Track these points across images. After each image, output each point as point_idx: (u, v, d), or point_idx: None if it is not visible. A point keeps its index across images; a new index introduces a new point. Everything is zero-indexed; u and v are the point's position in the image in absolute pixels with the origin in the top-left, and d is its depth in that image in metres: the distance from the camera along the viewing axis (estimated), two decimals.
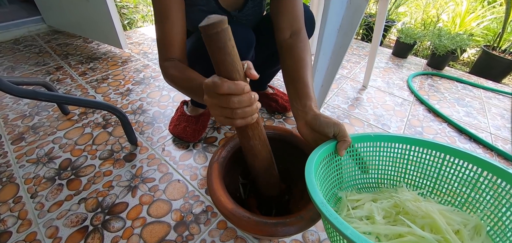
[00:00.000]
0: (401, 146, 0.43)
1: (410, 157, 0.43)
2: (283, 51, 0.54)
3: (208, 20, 0.28)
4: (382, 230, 0.33)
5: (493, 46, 1.58)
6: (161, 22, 0.49)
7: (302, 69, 0.49)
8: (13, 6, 1.85)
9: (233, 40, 0.30)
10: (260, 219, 0.35)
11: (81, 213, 0.57)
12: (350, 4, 0.69)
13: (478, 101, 1.21)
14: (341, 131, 0.39)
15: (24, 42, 1.44)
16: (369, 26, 1.89)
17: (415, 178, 0.43)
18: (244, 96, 0.31)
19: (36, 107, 0.91)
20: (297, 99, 0.46)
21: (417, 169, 0.43)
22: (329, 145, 0.39)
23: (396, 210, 0.37)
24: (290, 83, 0.49)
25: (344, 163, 0.43)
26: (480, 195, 0.37)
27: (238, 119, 0.33)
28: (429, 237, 0.30)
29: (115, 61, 1.26)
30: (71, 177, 0.65)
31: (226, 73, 0.31)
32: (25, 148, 0.74)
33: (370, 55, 1.12)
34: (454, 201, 0.40)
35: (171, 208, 0.60)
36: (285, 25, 0.54)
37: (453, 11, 1.87)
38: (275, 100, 0.94)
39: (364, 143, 0.43)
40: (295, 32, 0.54)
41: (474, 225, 0.35)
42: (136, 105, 0.94)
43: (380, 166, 0.45)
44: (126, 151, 0.74)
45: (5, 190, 0.62)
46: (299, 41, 0.53)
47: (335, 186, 0.42)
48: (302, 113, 0.44)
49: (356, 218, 0.37)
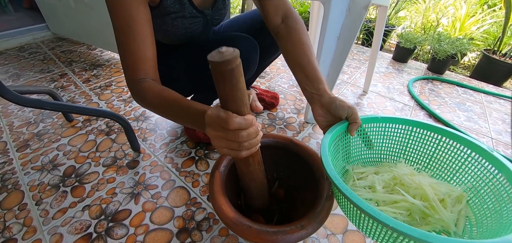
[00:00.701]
0: (403, 127, 0.49)
1: (411, 137, 0.49)
2: (280, 37, 0.53)
3: (221, 55, 0.26)
4: (381, 197, 0.40)
5: (494, 50, 1.59)
6: (127, 37, 0.41)
7: (306, 53, 0.49)
8: (18, 13, 1.89)
9: (243, 76, 0.29)
10: (261, 227, 0.36)
11: (85, 220, 0.58)
12: (349, 13, 0.70)
13: (479, 106, 1.21)
14: (354, 114, 0.44)
15: (29, 49, 1.47)
16: (369, 31, 1.90)
17: (413, 155, 0.49)
18: (251, 129, 0.31)
19: (41, 114, 0.92)
20: (309, 84, 0.47)
21: (415, 148, 0.49)
22: (341, 126, 0.45)
23: (394, 182, 0.43)
24: (298, 69, 0.49)
25: (352, 140, 0.49)
26: (466, 171, 0.43)
27: (244, 151, 0.32)
28: (418, 203, 0.37)
29: (118, 68, 1.28)
30: (75, 184, 0.66)
31: (234, 107, 0.30)
32: (30, 155, 0.75)
33: (370, 60, 1.13)
34: (444, 175, 0.46)
35: (174, 215, 0.60)
36: (274, 10, 0.52)
37: (453, 15, 1.87)
38: (262, 100, 0.98)
39: (371, 124, 0.50)
40: (287, 15, 0.52)
41: (457, 195, 0.41)
42: (138, 112, 0.96)
43: (384, 144, 0.51)
44: (129, 158, 0.75)
45: (10, 197, 0.63)
46: (295, 23, 0.51)
47: (343, 160, 0.49)
48: (317, 97, 0.46)
49: (360, 187, 0.43)
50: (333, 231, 0.59)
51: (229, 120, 0.29)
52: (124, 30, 0.41)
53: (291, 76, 1.31)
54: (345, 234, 0.59)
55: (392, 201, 0.39)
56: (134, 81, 0.43)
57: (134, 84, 0.43)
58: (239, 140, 0.31)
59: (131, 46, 0.42)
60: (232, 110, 0.30)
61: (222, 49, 0.27)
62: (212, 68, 0.27)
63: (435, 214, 0.37)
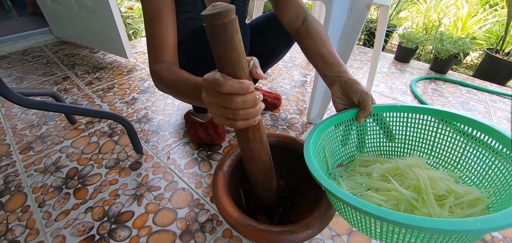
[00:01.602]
0: (429, 118, 0.44)
1: (437, 130, 0.44)
2: (301, 37, 0.56)
3: (214, 8, 0.24)
4: (375, 184, 0.39)
5: (497, 49, 1.58)
6: (153, 23, 0.47)
7: (325, 45, 0.51)
8: (22, 18, 1.91)
9: (239, 33, 0.27)
10: (265, 227, 0.35)
11: (87, 222, 0.58)
12: (351, 12, 0.70)
13: (483, 105, 1.20)
14: (364, 100, 0.43)
15: (32, 53, 1.48)
16: (371, 31, 1.90)
17: (441, 151, 0.44)
18: (248, 96, 0.29)
19: (44, 116, 0.93)
20: (329, 68, 0.48)
21: (442, 142, 0.44)
22: (349, 112, 0.44)
23: (395, 172, 0.41)
24: (318, 59, 0.51)
25: (370, 129, 0.48)
26: (495, 173, 0.37)
27: (239, 120, 0.30)
28: (407, 194, 0.35)
29: (120, 71, 1.29)
30: (78, 186, 0.66)
31: (229, 70, 0.27)
32: (33, 157, 0.75)
33: (372, 61, 1.13)
34: (472, 176, 0.40)
35: (177, 216, 0.60)
36: (295, 15, 0.58)
37: (455, 14, 1.87)
38: (264, 101, 0.97)
39: (391, 113, 0.46)
40: (305, 18, 0.57)
41: (475, 197, 0.35)
42: (141, 114, 0.96)
43: (407, 137, 0.47)
44: (131, 159, 0.75)
45: (13, 199, 0.63)
46: (313, 23, 0.55)
47: (356, 149, 0.48)
48: (337, 77, 0.47)
49: (358, 173, 0.43)
50: (338, 232, 0.58)
51: (222, 82, 0.27)
52: (152, 16, 0.46)
53: (293, 77, 1.31)
54: (350, 235, 0.58)
55: (386, 188, 0.38)
56: (153, 63, 0.47)
57: (153, 65, 0.47)
58: (233, 106, 0.28)
59: (155, 32, 0.47)
60: (226, 72, 0.28)
61: (216, 4, 0.25)
62: (206, 25, 0.26)
63: (423, 207, 0.34)
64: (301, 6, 0.58)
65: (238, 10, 0.67)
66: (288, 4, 0.58)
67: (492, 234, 0.60)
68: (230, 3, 0.62)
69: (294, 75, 1.34)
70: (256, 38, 0.73)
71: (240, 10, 0.68)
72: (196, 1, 0.58)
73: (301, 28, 0.57)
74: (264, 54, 0.78)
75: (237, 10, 0.67)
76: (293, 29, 0.59)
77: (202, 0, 0.59)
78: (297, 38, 0.58)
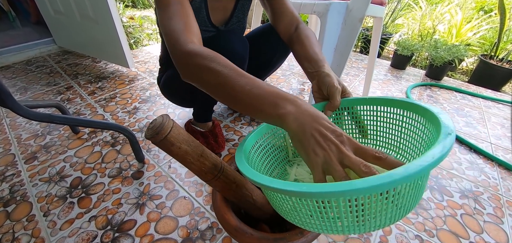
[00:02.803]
0: (389, 109, 0.41)
1: (387, 118, 0.42)
2: (293, 42, 0.60)
3: (151, 130, 0.29)
4: (299, 172, 0.42)
5: (491, 55, 1.61)
6: (173, 5, 0.43)
7: (312, 47, 0.54)
8: (26, 28, 1.95)
9: (182, 135, 0.32)
10: (262, 235, 0.37)
11: (91, 231, 0.60)
12: (345, 25, 0.73)
13: (478, 111, 1.22)
14: (331, 93, 0.42)
15: (36, 63, 1.51)
16: (367, 39, 1.94)
17: (403, 142, 0.41)
18: None
19: (48, 126, 0.95)
20: (310, 65, 0.50)
21: (404, 139, 0.41)
22: (318, 105, 0.45)
23: None
24: (304, 60, 0.53)
25: (346, 124, 0.47)
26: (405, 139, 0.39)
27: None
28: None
29: (122, 80, 1.32)
30: (82, 195, 0.68)
31: (193, 168, 0.35)
32: (38, 167, 0.77)
33: (368, 68, 1.15)
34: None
35: (178, 224, 0.62)
36: (289, 24, 0.62)
37: (449, 21, 1.91)
38: None
39: (365, 107, 0.43)
40: (298, 26, 0.61)
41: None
42: (143, 123, 0.98)
43: (378, 131, 0.44)
44: (134, 168, 0.77)
45: (19, 209, 0.65)
46: (305, 30, 0.59)
47: None
48: (316, 73, 0.47)
49: (297, 162, 0.46)
50: (334, 238, 0.60)
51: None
52: (173, 2, 0.43)
53: (291, 85, 1.34)
54: (346, 242, 0.60)
55: (309, 173, 0.41)
56: (184, 45, 0.39)
57: (186, 45, 0.39)
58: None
59: (182, 14, 0.42)
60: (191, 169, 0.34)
61: (151, 124, 0.30)
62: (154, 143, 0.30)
63: None
64: (294, 15, 0.63)
65: (238, 22, 0.71)
66: (282, 14, 0.62)
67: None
68: (230, 17, 0.67)
69: (292, 83, 1.36)
70: (254, 48, 0.76)
71: (239, 21, 0.71)
72: (201, 10, 0.61)
73: (293, 35, 0.61)
74: (262, 63, 0.81)
75: (237, 22, 0.70)
76: (287, 36, 0.63)
77: (206, 10, 0.62)
78: (290, 44, 0.62)
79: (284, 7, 0.62)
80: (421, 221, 0.66)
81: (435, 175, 0.82)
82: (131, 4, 3.03)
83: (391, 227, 0.64)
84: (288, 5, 0.63)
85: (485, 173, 0.84)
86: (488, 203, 0.73)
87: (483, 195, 0.76)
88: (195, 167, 0.34)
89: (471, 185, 0.79)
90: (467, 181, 0.80)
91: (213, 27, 0.66)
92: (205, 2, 0.61)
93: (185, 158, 0.33)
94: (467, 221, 0.67)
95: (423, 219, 0.67)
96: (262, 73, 0.86)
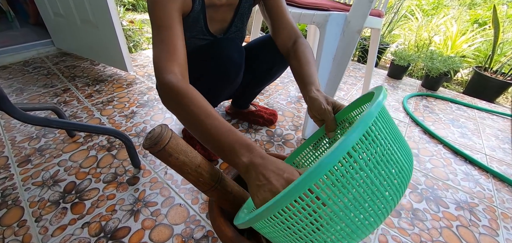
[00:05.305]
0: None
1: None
2: (290, 57, 0.61)
3: (149, 140, 0.31)
4: None
5: (485, 67, 1.64)
6: (162, 31, 0.45)
7: (306, 66, 0.55)
8: (24, 29, 1.94)
9: (181, 145, 0.34)
10: None
11: (84, 238, 0.58)
12: (343, 36, 0.74)
13: (473, 122, 1.24)
14: (324, 117, 0.45)
15: (33, 64, 1.50)
16: (365, 49, 1.96)
17: None
18: None
19: (43, 129, 0.94)
20: (302, 87, 0.53)
21: None
22: (318, 131, 0.49)
23: None
24: (298, 78, 0.56)
25: None
26: None
27: None
28: None
29: (120, 84, 1.31)
30: (75, 201, 0.67)
31: (190, 179, 0.36)
32: (31, 171, 0.76)
33: (365, 79, 1.17)
34: None
35: (173, 233, 0.61)
36: (287, 37, 0.63)
37: (445, 33, 1.95)
38: (261, 116, 1.02)
39: (355, 111, 0.45)
40: (296, 40, 0.62)
41: None
42: (140, 128, 0.98)
43: None
44: (129, 174, 0.76)
45: (10, 214, 0.63)
46: (301, 45, 0.60)
47: None
48: (306, 98, 0.50)
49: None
50: None
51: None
52: (162, 26, 0.45)
53: (289, 93, 1.35)
54: None
55: None
56: (166, 72, 0.42)
57: (166, 75, 0.41)
58: None
59: (168, 38, 0.45)
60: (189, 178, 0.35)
61: (149, 134, 0.31)
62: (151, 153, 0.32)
63: None
64: (294, 28, 0.63)
65: (237, 31, 0.71)
66: (282, 26, 0.63)
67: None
68: (229, 27, 0.67)
69: (290, 91, 1.37)
70: (254, 59, 0.77)
71: (239, 30, 0.71)
72: (199, 20, 0.61)
73: (290, 50, 0.61)
74: (261, 74, 0.81)
75: (236, 31, 0.71)
76: (285, 50, 0.64)
77: (204, 21, 0.62)
78: (287, 58, 0.63)
79: (284, 20, 0.63)
80: (417, 232, 0.66)
81: (431, 186, 0.82)
82: (132, 8, 3.04)
83: (387, 238, 0.64)
84: (288, 18, 0.63)
85: (480, 184, 0.85)
86: (483, 215, 0.74)
87: (478, 207, 0.76)
88: (192, 178, 0.34)
89: (466, 196, 0.79)
90: (463, 192, 0.81)
91: (211, 37, 0.66)
92: (203, 13, 0.60)
93: (182, 168, 0.32)
94: (462, 233, 0.68)
95: (419, 231, 0.67)
96: (260, 83, 0.86)
